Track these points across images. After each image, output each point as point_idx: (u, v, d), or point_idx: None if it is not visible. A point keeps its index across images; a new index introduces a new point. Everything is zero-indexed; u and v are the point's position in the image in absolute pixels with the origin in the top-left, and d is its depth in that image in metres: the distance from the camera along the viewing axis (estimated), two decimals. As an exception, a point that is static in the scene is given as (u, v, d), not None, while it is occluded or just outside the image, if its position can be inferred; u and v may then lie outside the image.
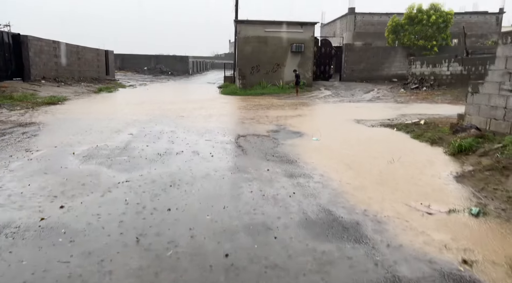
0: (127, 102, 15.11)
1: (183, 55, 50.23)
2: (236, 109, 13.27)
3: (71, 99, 15.13)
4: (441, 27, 28.03)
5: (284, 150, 6.62)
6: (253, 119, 10.38)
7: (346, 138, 7.72)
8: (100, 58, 27.97)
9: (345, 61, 29.23)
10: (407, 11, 28.80)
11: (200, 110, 12.44)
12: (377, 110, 12.91)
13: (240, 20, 23.67)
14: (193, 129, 8.67)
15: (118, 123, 9.23)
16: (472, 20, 37.59)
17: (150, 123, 9.33)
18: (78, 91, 18.52)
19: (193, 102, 15.35)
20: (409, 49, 28.93)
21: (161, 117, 10.42)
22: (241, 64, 23.74)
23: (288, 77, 24.08)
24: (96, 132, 7.97)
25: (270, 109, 13.04)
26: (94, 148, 6.44)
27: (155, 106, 13.25)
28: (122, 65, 48.73)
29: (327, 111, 13.12)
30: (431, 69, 21.19)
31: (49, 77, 20.36)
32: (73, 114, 10.69)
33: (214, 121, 10.10)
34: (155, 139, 7.39)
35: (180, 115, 11.11)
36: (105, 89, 20.59)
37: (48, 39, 20.58)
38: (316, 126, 9.18)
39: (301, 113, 12.28)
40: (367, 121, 9.90)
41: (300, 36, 23.78)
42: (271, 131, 8.47)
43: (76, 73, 23.86)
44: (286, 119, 10.54)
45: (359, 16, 38.48)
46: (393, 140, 7.47)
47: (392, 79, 29.16)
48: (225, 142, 7.31)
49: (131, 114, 11.06)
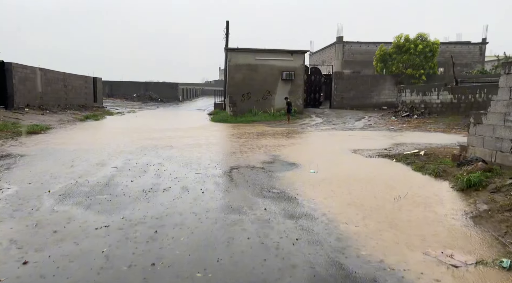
0: (113, 130, 14.57)
1: (173, 82, 50.19)
2: (227, 138, 12.84)
3: (55, 128, 14.53)
4: (428, 56, 28.59)
5: (281, 184, 6.14)
6: (245, 149, 9.94)
7: (345, 171, 7.30)
8: (88, 85, 27.55)
9: (335, 89, 29.39)
10: (395, 40, 29.40)
11: (190, 139, 11.97)
12: (372, 139, 12.62)
13: (231, 48, 23.73)
14: (182, 160, 8.16)
15: (102, 154, 8.68)
16: (456, 50, 38.63)
17: (136, 154, 8.80)
18: (63, 120, 17.93)
19: (182, 130, 14.90)
20: (397, 78, 29.31)
21: (149, 147, 9.90)
22: (231, 91, 23.58)
23: (279, 104, 23.96)
24: (77, 165, 7.40)
25: (262, 138, 12.65)
26: (73, 184, 5.86)
27: (143, 135, 12.75)
28: (111, 92, 48.37)
29: (320, 140, 12.78)
30: (421, 97, 21.29)
31: (34, 105, 19.77)
32: (54, 145, 10.09)
33: (205, 151, 9.62)
34: (140, 173, 6.85)
35: (168, 144, 10.62)
36: (91, 117, 20.03)
37: (34, 67, 20.15)
38: (311, 157, 8.77)
39: (295, 142, 11.91)
40: (364, 151, 9.54)
41: (291, 64, 23.89)
42: (265, 163, 8.02)
43: (63, 101, 23.32)
44: (280, 149, 10.13)
45: (347, 45, 39.24)
46: (394, 173, 7.07)
47: (381, 106, 29.33)
48: (217, 175, 6.82)
49: (117, 144, 10.52)
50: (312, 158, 8.72)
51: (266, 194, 5.52)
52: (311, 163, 7.95)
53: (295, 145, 11.12)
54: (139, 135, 12.81)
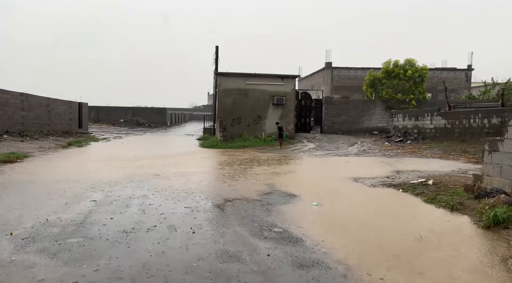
0: (96, 158, 13.70)
1: (161, 107, 49.64)
2: (218, 165, 12.11)
3: (34, 156, 13.59)
4: (417, 81, 28.76)
5: (283, 220, 5.42)
6: (239, 178, 9.22)
7: (350, 203, 6.63)
8: (72, 110, 26.70)
9: (325, 114, 29.15)
10: (384, 66, 29.60)
11: (178, 167, 11.21)
12: (370, 166, 12.06)
13: (221, 73, 23.38)
14: (169, 192, 7.39)
15: (82, 186, 7.85)
16: (443, 76, 39.24)
17: (119, 185, 7.99)
18: (44, 146, 16.98)
19: (170, 157, 14.12)
20: (387, 103, 29.30)
21: (133, 177, 9.10)
22: (221, 116, 23.03)
23: (270, 129, 23.46)
24: (51, 199, 6.56)
25: (255, 165, 11.96)
26: (42, 224, 5.04)
27: (127, 163, 11.93)
28: (98, 117, 47.42)
29: (317, 167, 12.15)
30: (414, 122, 21.06)
31: (14, 131, 18.80)
32: (29, 175, 9.21)
33: (194, 180, 8.86)
34: (122, 208, 6.05)
35: (155, 173, 9.83)
36: (75, 144, 19.11)
37: (15, 92, 19.32)
38: (311, 187, 8.09)
39: (290, 169, 11.24)
40: (366, 180, 8.92)
41: (281, 89, 23.60)
42: (262, 194, 7.30)
43: (45, 127, 22.37)
44: (276, 178, 9.44)
45: (336, 70, 39.54)
46: (405, 206, 6.43)
47: (372, 131, 29.12)
48: (209, 209, 6.06)
49: (99, 173, 9.69)
50: (312, 187, 8.05)
51: (267, 234, 4.78)
52: (311, 193, 7.27)
53: (291, 173, 10.45)
54: (124, 163, 11.99)
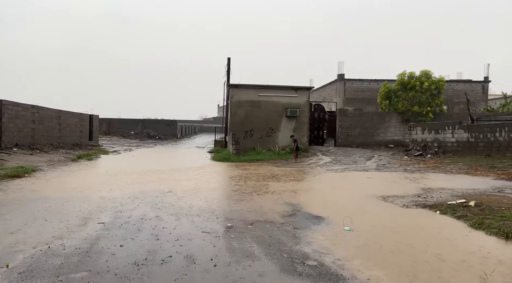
0: (106, 172, 13.20)
1: (171, 119, 49.46)
2: (233, 181, 11.49)
3: (42, 170, 13.16)
4: (434, 93, 27.97)
5: (315, 250, 4.75)
6: (257, 195, 8.58)
7: (385, 228, 5.93)
8: (83, 123, 26.49)
9: (339, 126, 28.47)
10: (399, 77, 28.90)
11: (191, 183, 10.61)
12: (394, 183, 11.31)
13: (233, 84, 22.97)
14: (184, 212, 6.78)
15: (89, 205, 7.29)
16: (459, 88, 38.38)
17: (129, 204, 7.41)
18: (54, 160, 16.59)
19: (182, 172, 13.56)
20: (403, 115, 28.51)
21: (144, 194, 8.52)
22: (233, 128, 22.52)
23: (283, 142, 22.85)
24: (55, 221, 6.00)
25: (272, 181, 11.31)
26: (43, 253, 4.46)
27: (138, 178, 11.39)
28: (109, 129, 47.42)
29: (339, 184, 11.43)
30: (433, 135, 20.24)
31: (24, 144, 18.51)
32: (34, 192, 8.70)
33: (209, 198, 8.25)
34: (133, 232, 5.45)
35: (167, 190, 9.25)
36: (85, 157, 18.72)
37: (26, 104, 19.12)
38: (337, 207, 7.41)
39: (310, 186, 10.56)
40: (396, 199, 8.20)
41: (295, 101, 23.06)
42: (284, 216, 6.64)
43: (56, 139, 22.11)
44: (297, 195, 8.77)
45: (349, 82, 38.95)
46: (450, 233, 5.69)
47: (388, 145, 28.29)
48: (229, 235, 5.42)
49: (108, 190, 9.14)
50: (338, 207, 7.36)
51: (300, 268, 4.11)
52: (339, 215, 6.59)
53: (312, 190, 9.76)
54: (134, 178, 11.44)
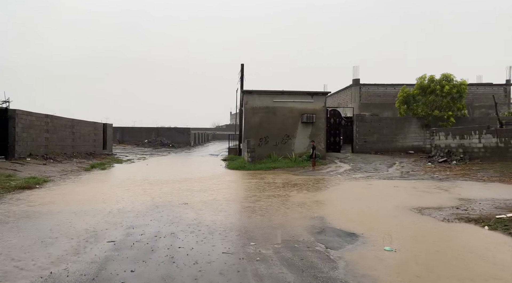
0: (118, 183, 12.75)
1: (185, 127, 49.30)
2: (251, 191, 10.86)
3: (54, 180, 12.80)
4: (455, 97, 26.92)
5: (356, 277, 4.08)
6: (279, 208, 7.93)
7: (433, 248, 5.20)
8: (97, 132, 26.33)
9: (357, 132, 27.63)
10: (418, 81, 27.96)
11: (207, 194, 10.03)
12: (425, 192, 10.51)
13: (247, 90, 22.45)
14: (201, 228, 6.18)
15: (99, 219, 6.76)
16: (480, 92, 37.17)
17: (142, 219, 6.86)
18: (67, 170, 16.27)
19: (197, 181, 13.01)
20: (423, 120, 27.52)
21: (157, 208, 7.97)
22: (248, 135, 21.95)
23: (299, 149, 22.15)
24: (61, 239, 5.47)
25: (292, 190, 10.65)
26: (44, 280, 3.90)
27: (151, 189, 10.87)
28: (122, 138, 47.51)
29: (365, 194, 10.68)
30: (458, 141, 19.26)
31: (37, 154, 18.30)
32: (43, 205, 8.24)
33: (228, 211, 7.64)
34: (146, 253, 4.87)
35: (181, 202, 8.69)
36: (98, 166, 18.39)
37: (40, 113, 18.95)
38: (369, 221, 6.71)
39: (334, 196, 9.85)
40: (432, 212, 7.44)
41: (311, 106, 22.39)
42: (313, 232, 5.97)
43: (69, 149, 21.91)
44: (321, 207, 8.09)
45: (364, 87, 38.09)
46: (507, 253, 4.94)
47: (408, 151, 27.29)
48: (254, 256, 4.79)
49: (120, 202, 8.63)
50: (371, 222, 6.66)
51: (342, 301, 3.45)
52: (374, 231, 5.89)
53: (337, 201, 9.06)
54: (147, 189, 10.93)
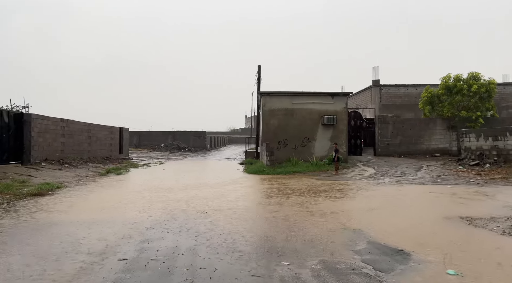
0: (133, 188, 12.17)
1: (201, 131, 48.94)
2: (274, 198, 10.08)
3: (68, 186, 12.33)
4: (484, 97, 25.52)
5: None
6: (307, 218, 7.15)
7: (503, 271, 4.33)
8: (113, 136, 26.05)
9: (379, 134, 26.55)
10: (443, 81, 26.69)
11: (226, 201, 9.32)
12: (467, 199, 9.52)
13: (265, 92, 21.72)
14: (223, 243, 5.46)
15: (111, 232, 6.12)
16: (507, 91, 35.49)
17: (158, 231, 6.19)
18: (82, 175, 15.86)
19: (215, 187, 12.32)
20: (450, 121, 26.23)
21: (175, 216, 7.30)
22: (266, 138, 21.20)
23: (320, 152, 21.26)
24: (68, 256, 4.82)
25: (318, 197, 9.84)
26: (40, 312, 3.24)
27: (168, 195, 10.23)
28: (139, 142, 47.49)
29: (400, 201, 9.75)
30: (491, 143, 18.04)
31: (53, 159, 18.00)
32: (54, 214, 7.67)
33: (251, 223, 6.90)
34: (162, 275, 4.17)
35: (200, 210, 8.00)
36: (114, 171, 17.94)
37: (56, 118, 18.68)
38: (416, 234, 5.84)
39: (367, 204, 8.97)
40: (487, 223, 6.52)
41: (332, 108, 21.49)
42: (354, 249, 5.16)
43: (86, 153, 21.62)
44: (356, 217, 7.26)
45: (384, 88, 36.85)
46: None
47: (433, 153, 26.04)
48: (288, 281, 4.03)
49: (134, 210, 8.00)
50: (418, 235, 5.79)
51: None
52: (425, 247, 5.04)
53: (372, 210, 8.18)
54: (164, 195, 10.30)
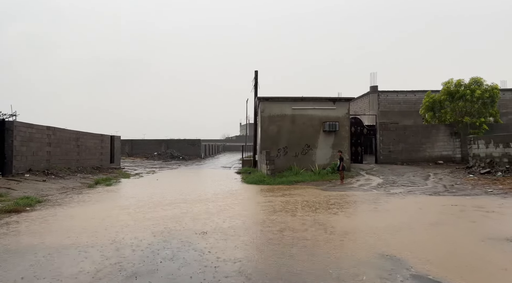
0: (123, 203, 11.03)
1: (195, 139, 47.76)
2: (281, 214, 9.02)
3: (51, 200, 11.17)
4: (487, 102, 24.84)
5: None
6: (325, 239, 6.10)
7: None
8: (104, 144, 24.86)
9: (380, 141, 25.70)
10: (444, 86, 26.00)
11: (228, 216, 8.24)
12: (500, 214, 8.55)
13: (263, 97, 20.76)
14: (230, 277, 4.39)
15: (89, 261, 5.01)
16: (507, 97, 34.99)
17: (148, 260, 5.09)
18: (68, 186, 14.67)
19: (212, 200, 11.24)
20: (452, 127, 25.49)
21: (170, 239, 6.20)
22: (265, 146, 20.18)
23: (321, 160, 20.30)
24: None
25: (330, 212, 8.80)
26: None
27: (161, 212, 9.13)
28: (131, 151, 46.20)
29: (422, 216, 8.72)
30: (502, 149, 17.20)
31: (38, 169, 16.80)
32: (24, 236, 6.53)
33: (259, 245, 5.84)
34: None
35: (198, 230, 6.93)
36: (103, 182, 16.75)
37: (41, 125, 17.51)
38: (463, 262, 4.83)
39: (388, 221, 7.91)
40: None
41: (333, 114, 20.59)
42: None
43: (74, 163, 20.41)
44: (383, 238, 6.22)
45: (383, 94, 36.14)
46: None
47: (436, 161, 25.23)
48: None
49: (122, 231, 6.89)
50: (467, 265, 4.78)
51: None
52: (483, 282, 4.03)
53: (398, 229, 7.14)
54: (157, 212, 9.19)
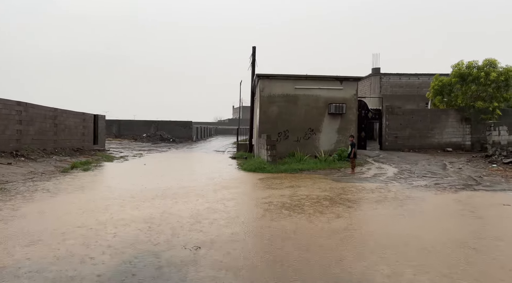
0: (101, 194, 9.06)
1: (187, 121, 45.43)
2: (292, 214, 7.15)
3: (8, 190, 9.15)
4: (501, 86, 23.14)
5: None
6: (359, 254, 4.29)
7: None
8: (86, 124, 22.62)
9: (386, 126, 23.96)
10: (455, 68, 24.18)
11: (228, 217, 6.36)
12: None
13: (263, 75, 18.66)
14: None
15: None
16: (514, 81, 33.29)
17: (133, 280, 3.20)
18: (37, 171, 12.61)
19: (206, 193, 9.35)
20: (463, 112, 23.83)
21: (156, 245, 4.31)
22: (264, 129, 18.25)
23: (325, 145, 18.47)
24: None
25: (352, 213, 7.01)
26: None
27: (146, 209, 7.21)
28: (119, 132, 43.81)
29: (480, 225, 7.00)
30: (527, 136, 15.59)
31: (5, 150, 14.65)
32: None
33: (275, 269, 4.00)
34: None
35: (192, 239, 5.04)
36: (81, 166, 14.70)
37: (10, 100, 15.25)
38: None
39: (441, 227, 6.10)
40: None
41: (340, 95, 18.66)
42: None
43: (51, 144, 18.25)
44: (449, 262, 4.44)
45: (385, 77, 34.24)
46: None
47: (445, 148, 23.66)
48: None
49: (95, 237, 4.95)
50: None
51: None
52: None
53: (462, 243, 5.34)
54: (140, 208, 7.26)
